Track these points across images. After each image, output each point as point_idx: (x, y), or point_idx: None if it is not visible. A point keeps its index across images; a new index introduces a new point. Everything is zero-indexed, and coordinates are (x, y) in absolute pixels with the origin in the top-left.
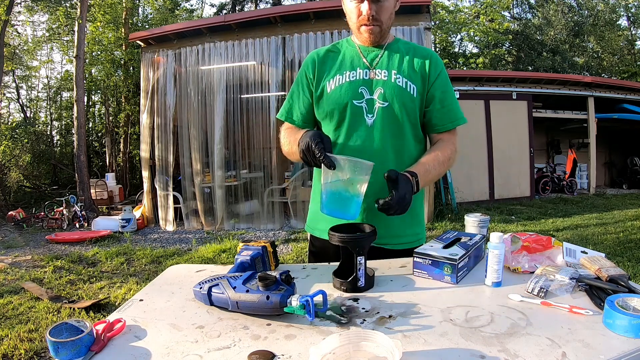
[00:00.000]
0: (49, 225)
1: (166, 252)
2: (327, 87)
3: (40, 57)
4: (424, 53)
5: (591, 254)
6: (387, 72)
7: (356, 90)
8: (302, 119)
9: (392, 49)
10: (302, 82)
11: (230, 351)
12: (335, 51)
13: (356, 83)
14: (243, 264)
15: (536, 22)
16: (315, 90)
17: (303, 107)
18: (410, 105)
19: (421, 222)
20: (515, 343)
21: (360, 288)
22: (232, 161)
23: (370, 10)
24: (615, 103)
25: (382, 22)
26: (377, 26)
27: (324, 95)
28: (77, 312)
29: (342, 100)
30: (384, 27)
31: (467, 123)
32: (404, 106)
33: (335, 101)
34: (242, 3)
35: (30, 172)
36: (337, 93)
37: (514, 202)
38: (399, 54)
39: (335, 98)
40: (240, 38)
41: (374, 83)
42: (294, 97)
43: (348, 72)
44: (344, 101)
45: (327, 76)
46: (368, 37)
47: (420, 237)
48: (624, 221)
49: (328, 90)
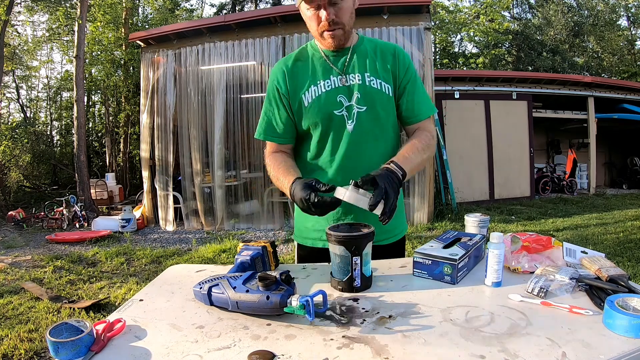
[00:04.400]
0: (49, 225)
1: (166, 252)
2: (304, 100)
3: (40, 57)
4: (390, 49)
5: (591, 254)
6: (360, 76)
7: (334, 99)
8: (282, 134)
9: (359, 50)
10: (275, 97)
11: (230, 351)
12: (302, 60)
13: (333, 92)
14: (243, 264)
15: (536, 22)
16: (292, 104)
17: (281, 123)
18: (388, 105)
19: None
20: (515, 343)
21: (356, 288)
22: (232, 161)
23: (330, 15)
24: (615, 103)
25: (343, 24)
26: (339, 29)
27: (302, 108)
28: (77, 312)
29: (322, 112)
30: (347, 29)
31: (467, 123)
32: (382, 107)
33: (315, 114)
34: (242, 3)
35: (30, 172)
36: (316, 105)
37: (514, 202)
38: (368, 54)
39: (315, 111)
40: (240, 38)
41: (350, 89)
42: (268, 113)
43: (322, 81)
44: (324, 113)
45: (302, 89)
46: (332, 42)
47: (404, 227)
48: (624, 221)
49: (306, 104)
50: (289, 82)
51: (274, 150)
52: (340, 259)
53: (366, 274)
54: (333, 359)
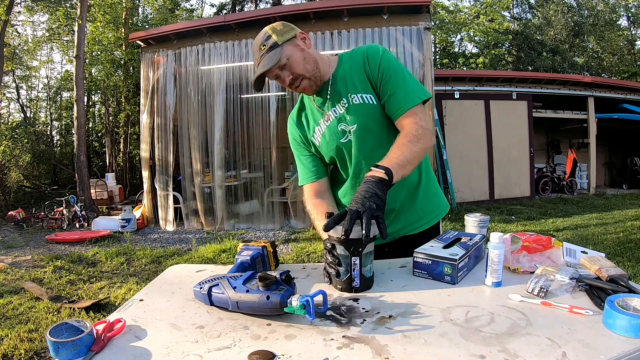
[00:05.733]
0: (49, 225)
1: (166, 252)
2: (315, 141)
3: (40, 57)
4: (360, 56)
5: (591, 254)
6: (345, 99)
7: (336, 130)
8: (314, 172)
9: (338, 76)
10: (295, 146)
11: (230, 351)
12: (303, 108)
13: (333, 124)
14: (243, 264)
15: (536, 22)
16: (309, 147)
17: (310, 165)
18: (375, 113)
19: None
20: (515, 343)
21: (355, 288)
22: (232, 161)
23: (286, 79)
24: (615, 103)
25: (302, 74)
26: (303, 80)
27: (317, 148)
28: (77, 312)
29: (330, 146)
30: (309, 75)
31: (467, 123)
32: (370, 118)
33: (327, 149)
34: (242, 3)
35: (30, 172)
36: (324, 143)
37: (514, 202)
38: (346, 74)
39: (325, 147)
40: (240, 38)
41: (342, 116)
42: (298, 162)
43: (321, 120)
44: (332, 146)
45: (309, 132)
46: (306, 92)
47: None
48: (624, 221)
49: (317, 144)
50: (299, 130)
51: (314, 195)
52: (339, 258)
53: (366, 275)
54: (333, 359)
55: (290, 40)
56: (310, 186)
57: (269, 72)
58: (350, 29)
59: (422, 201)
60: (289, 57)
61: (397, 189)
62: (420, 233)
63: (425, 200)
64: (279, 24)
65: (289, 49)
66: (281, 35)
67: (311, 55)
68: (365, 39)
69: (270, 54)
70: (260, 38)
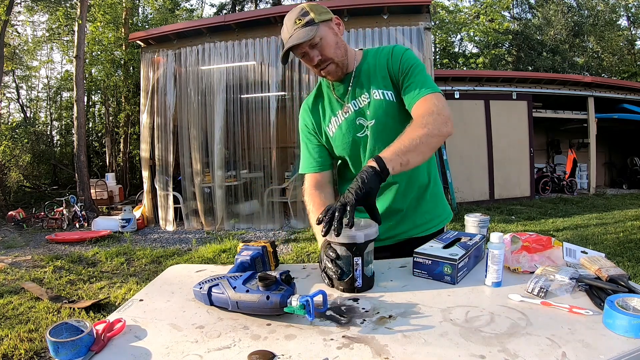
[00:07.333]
0: (49, 225)
1: (166, 252)
2: (329, 131)
3: (40, 57)
4: (385, 54)
5: (591, 254)
6: (367, 94)
7: (354, 123)
8: (318, 163)
9: (363, 70)
10: (305, 133)
11: (230, 351)
12: (320, 96)
13: (351, 117)
14: (243, 264)
15: (536, 22)
16: (320, 136)
17: (315, 153)
18: (393, 110)
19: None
20: (515, 343)
21: (357, 288)
22: (232, 161)
23: (314, 58)
24: (615, 103)
25: (331, 58)
26: (330, 64)
27: (330, 139)
28: (77, 312)
29: (346, 139)
30: (338, 60)
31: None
32: (388, 115)
33: (341, 142)
34: (242, 3)
35: (30, 172)
36: (339, 134)
37: (514, 202)
38: (370, 69)
39: (340, 139)
40: (240, 38)
41: (362, 110)
42: (303, 149)
43: (340, 111)
44: (348, 139)
45: (324, 122)
46: (330, 77)
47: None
48: (624, 221)
49: (331, 134)
50: (312, 117)
51: (313, 186)
52: (341, 259)
53: (367, 275)
54: (333, 359)
55: (326, 22)
56: (312, 176)
57: (299, 47)
58: (350, 29)
59: (430, 204)
60: (322, 37)
61: (406, 191)
62: (426, 237)
63: (433, 204)
64: (315, 3)
65: (324, 30)
66: (319, 14)
67: (343, 42)
68: (365, 38)
69: (306, 29)
70: (296, 12)
